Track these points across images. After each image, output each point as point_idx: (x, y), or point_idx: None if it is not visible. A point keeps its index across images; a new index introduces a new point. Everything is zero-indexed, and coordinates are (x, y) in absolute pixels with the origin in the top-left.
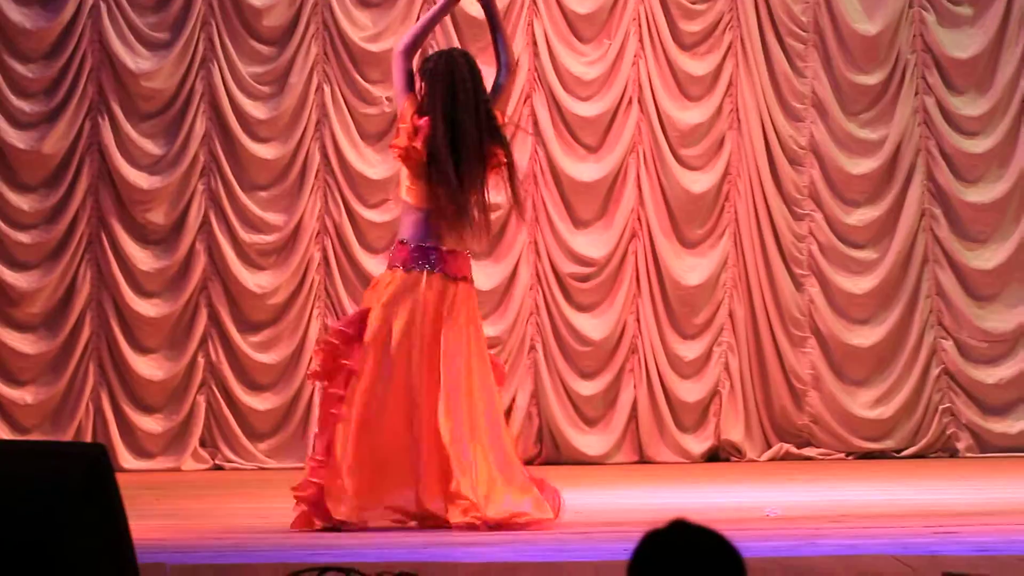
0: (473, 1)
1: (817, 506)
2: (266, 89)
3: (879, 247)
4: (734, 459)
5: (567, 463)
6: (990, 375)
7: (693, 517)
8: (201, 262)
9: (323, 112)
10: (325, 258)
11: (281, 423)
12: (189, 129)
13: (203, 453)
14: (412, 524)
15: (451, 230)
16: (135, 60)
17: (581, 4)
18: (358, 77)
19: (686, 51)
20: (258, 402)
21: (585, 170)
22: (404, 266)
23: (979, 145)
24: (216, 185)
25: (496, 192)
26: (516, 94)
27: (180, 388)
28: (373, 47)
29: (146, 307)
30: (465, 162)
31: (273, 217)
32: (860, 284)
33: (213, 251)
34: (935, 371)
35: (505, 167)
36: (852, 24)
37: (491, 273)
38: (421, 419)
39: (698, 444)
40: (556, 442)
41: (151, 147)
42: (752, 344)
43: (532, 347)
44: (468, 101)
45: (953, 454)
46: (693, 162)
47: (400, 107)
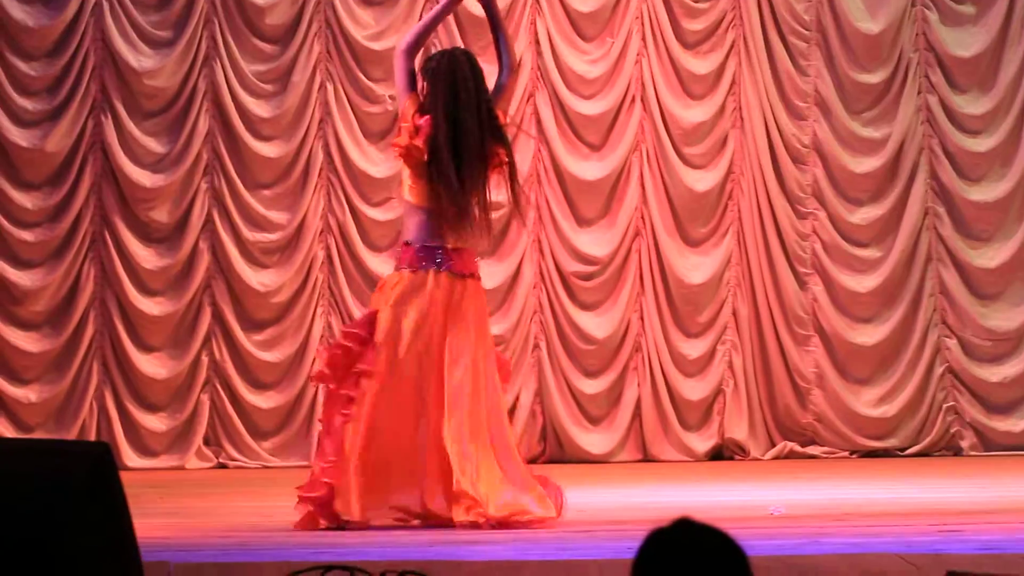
0: (475, 0)
1: (821, 504)
2: (269, 87)
3: (883, 246)
4: (738, 457)
5: (571, 461)
6: (994, 373)
7: (697, 516)
8: (205, 260)
9: (326, 110)
10: (328, 256)
11: (285, 421)
12: (192, 127)
13: (207, 451)
14: (416, 523)
15: (452, 229)
16: (138, 58)
17: (584, 3)
18: (361, 75)
19: (689, 49)
20: (262, 400)
21: (588, 169)
22: (410, 267)
23: (982, 144)
24: (219, 183)
25: (498, 191)
26: (519, 93)
27: (184, 386)
28: (376, 45)
29: (150, 305)
30: (466, 162)
31: (276, 215)
32: (864, 282)
33: (217, 249)
34: (939, 369)
35: (506, 167)
36: (855, 23)
37: (495, 272)
38: (429, 419)
39: (702, 442)
40: (560, 440)
41: (154, 145)
42: (756, 342)
43: (536, 345)
44: (470, 100)
45: (957, 452)
46: (696, 161)
47: (402, 106)
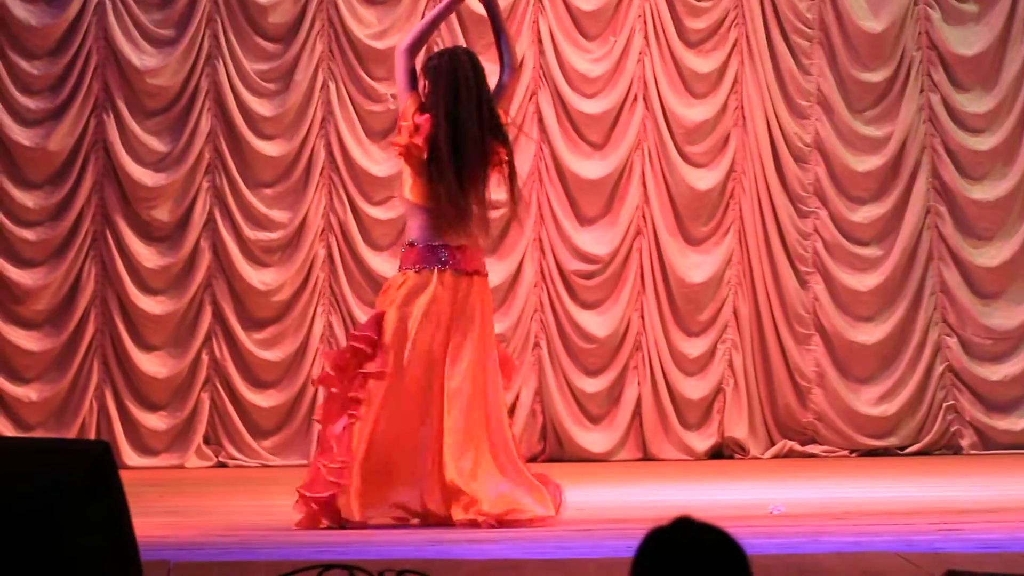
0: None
1: (821, 503)
2: (271, 86)
3: (884, 244)
4: (738, 456)
5: (571, 460)
6: (994, 372)
7: (697, 514)
8: (206, 259)
9: (328, 109)
10: (330, 255)
11: (285, 420)
12: (194, 126)
13: (207, 450)
14: (415, 522)
15: (452, 228)
16: (140, 57)
17: (586, 1)
18: (363, 74)
19: (691, 48)
20: (262, 399)
21: (590, 167)
22: (415, 267)
23: (984, 142)
24: (221, 182)
25: (497, 190)
26: (521, 92)
27: (184, 385)
28: (378, 44)
29: (150, 304)
30: (466, 162)
31: (278, 214)
32: (865, 281)
33: (218, 248)
34: (939, 368)
35: (506, 166)
36: (857, 21)
37: (495, 270)
38: (432, 418)
39: (702, 441)
40: (560, 439)
41: (156, 144)
42: (756, 341)
43: (536, 344)
44: (471, 99)
45: (957, 451)
46: (698, 159)
47: (402, 105)
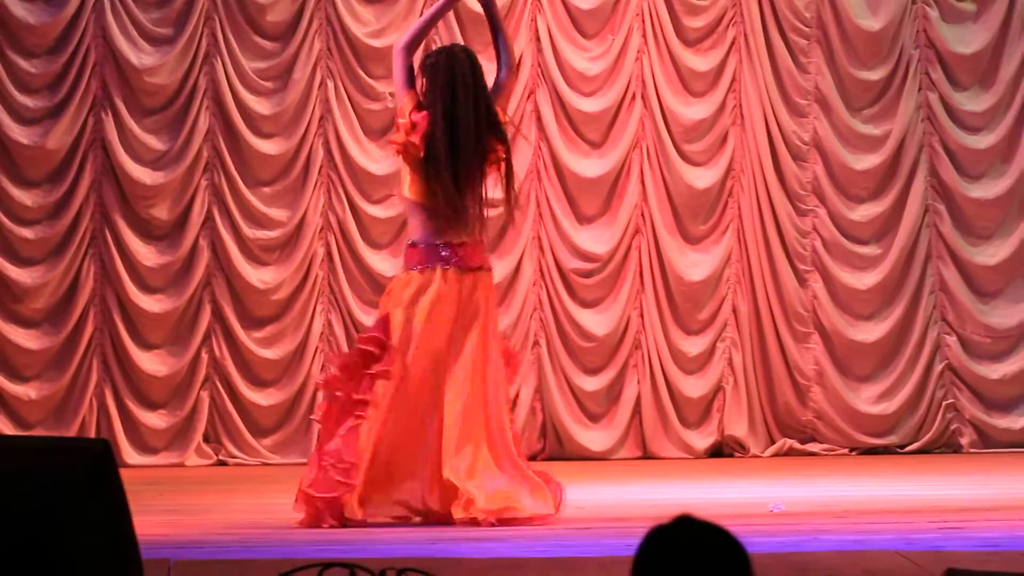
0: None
1: (821, 501)
2: (269, 85)
3: (883, 243)
4: (737, 455)
5: (571, 459)
6: (994, 371)
7: (697, 513)
8: (204, 258)
9: (326, 108)
10: (328, 254)
11: (285, 419)
12: (192, 125)
13: (207, 449)
14: (416, 520)
15: (450, 226)
16: (138, 56)
17: (584, 0)
18: (361, 73)
19: (689, 47)
20: (262, 398)
21: (588, 166)
22: (418, 267)
23: (982, 141)
24: (219, 181)
25: (495, 188)
26: (519, 90)
27: (184, 384)
28: (376, 43)
29: (150, 303)
30: (463, 160)
31: (276, 213)
32: (864, 280)
33: (217, 247)
34: (939, 367)
35: (504, 164)
36: (855, 20)
37: (495, 268)
38: (437, 417)
39: (702, 440)
40: (560, 438)
41: (154, 143)
42: (756, 340)
43: (536, 343)
44: (468, 97)
45: (957, 450)
46: (696, 158)
47: (400, 102)
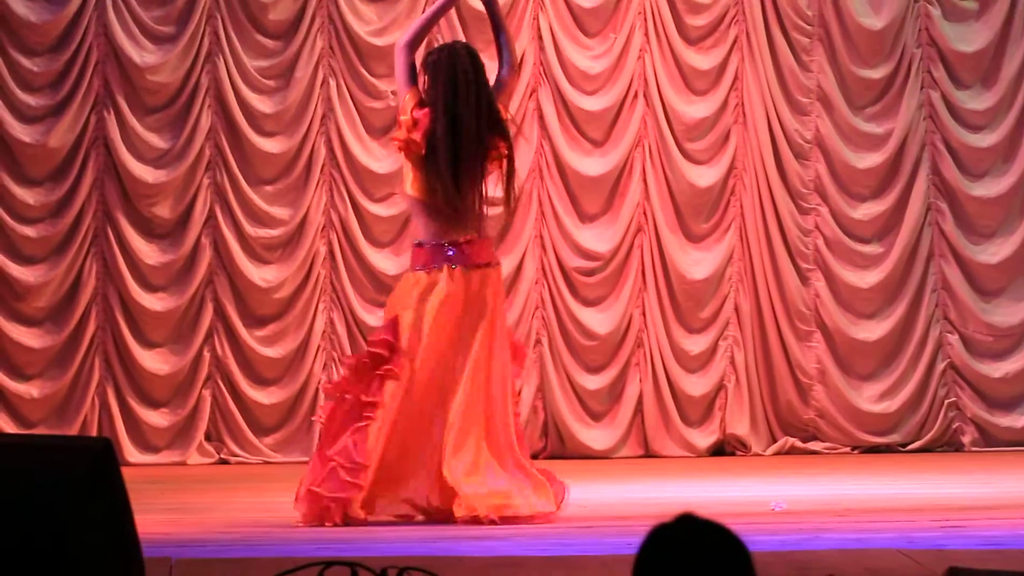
0: None
1: (823, 500)
2: (271, 83)
3: (885, 241)
4: (739, 453)
5: (572, 457)
6: (996, 369)
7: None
8: (207, 256)
9: (329, 106)
10: (331, 252)
11: (287, 417)
12: (195, 123)
13: (208, 447)
14: (420, 518)
15: (451, 224)
16: (140, 54)
17: None
18: (364, 71)
19: (691, 45)
20: (263, 396)
21: (591, 164)
22: (424, 267)
23: (984, 139)
24: (222, 179)
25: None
26: (522, 89)
27: (186, 382)
28: (379, 41)
29: (152, 301)
30: (464, 158)
31: (279, 211)
32: (866, 278)
33: (219, 245)
34: (941, 365)
35: (505, 160)
36: (857, 18)
37: None
38: (443, 416)
39: (703, 438)
40: (561, 436)
41: (156, 141)
42: (758, 338)
43: (538, 341)
44: (469, 94)
45: (958, 448)
46: (698, 156)
47: (401, 100)
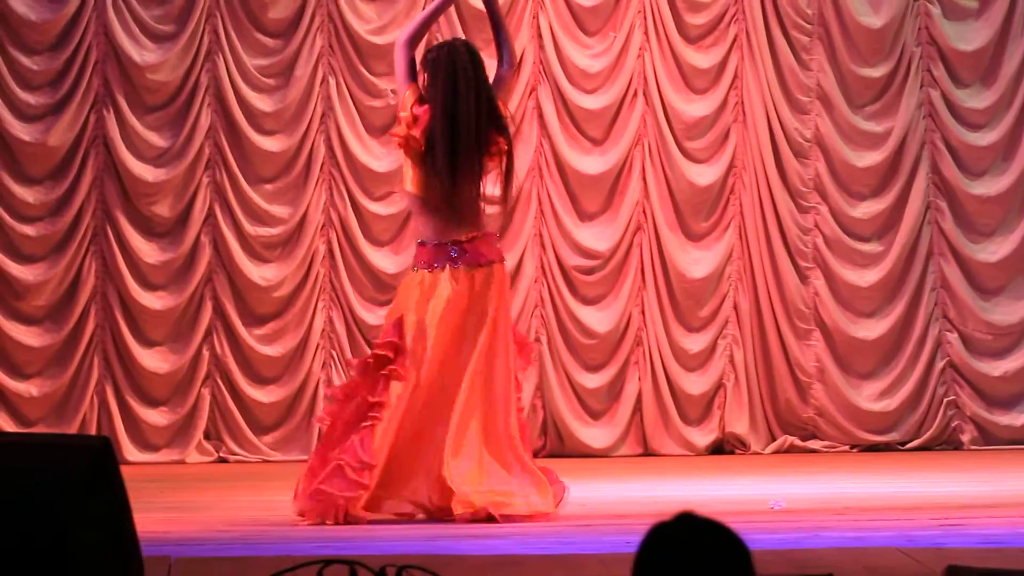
0: None
1: (822, 499)
2: (271, 82)
3: (884, 240)
4: (739, 452)
5: (572, 456)
6: (995, 368)
7: (698, 510)
8: (206, 255)
9: (328, 105)
10: (330, 251)
11: (286, 416)
12: (194, 122)
13: (208, 446)
14: (420, 517)
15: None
16: (140, 52)
17: None
18: (363, 70)
19: (691, 44)
20: (263, 395)
21: (590, 163)
22: (427, 266)
23: (984, 138)
24: (221, 178)
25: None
26: (521, 87)
27: (185, 381)
28: (378, 39)
29: (151, 300)
30: (463, 155)
31: (278, 210)
32: (865, 277)
33: (218, 244)
34: (940, 364)
35: (505, 157)
36: (857, 17)
37: None
38: (446, 416)
39: (703, 437)
40: (560, 435)
41: (156, 140)
42: (757, 337)
43: (537, 339)
44: (469, 91)
45: (958, 447)
46: (698, 155)
47: (401, 96)
